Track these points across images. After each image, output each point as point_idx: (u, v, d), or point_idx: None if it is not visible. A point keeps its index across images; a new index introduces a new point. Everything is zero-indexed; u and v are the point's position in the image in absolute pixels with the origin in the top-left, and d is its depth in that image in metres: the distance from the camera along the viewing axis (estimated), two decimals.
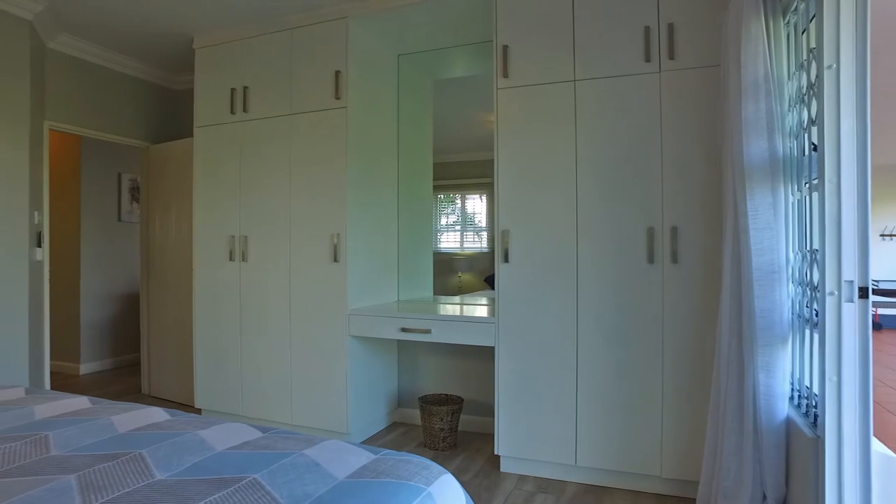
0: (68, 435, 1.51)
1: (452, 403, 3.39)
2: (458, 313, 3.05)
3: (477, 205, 3.99)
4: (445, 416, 3.18)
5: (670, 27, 2.52)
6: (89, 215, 5.12)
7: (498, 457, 3.02)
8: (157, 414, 1.72)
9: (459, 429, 3.56)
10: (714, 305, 2.44)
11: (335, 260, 3.22)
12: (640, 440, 2.57)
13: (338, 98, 3.24)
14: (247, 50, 3.57)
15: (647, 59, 2.57)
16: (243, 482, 1.21)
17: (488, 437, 3.41)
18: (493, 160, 2.87)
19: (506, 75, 2.84)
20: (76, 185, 5.07)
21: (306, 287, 3.32)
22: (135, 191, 5.48)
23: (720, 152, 2.39)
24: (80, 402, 1.88)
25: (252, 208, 3.50)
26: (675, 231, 2.51)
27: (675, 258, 2.51)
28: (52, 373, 5.08)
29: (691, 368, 2.49)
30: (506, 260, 2.83)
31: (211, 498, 1.13)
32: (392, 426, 3.65)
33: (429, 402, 3.40)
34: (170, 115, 4.68)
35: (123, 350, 5.43)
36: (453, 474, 2.79)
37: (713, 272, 2.45)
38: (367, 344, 3.38)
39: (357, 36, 3.31)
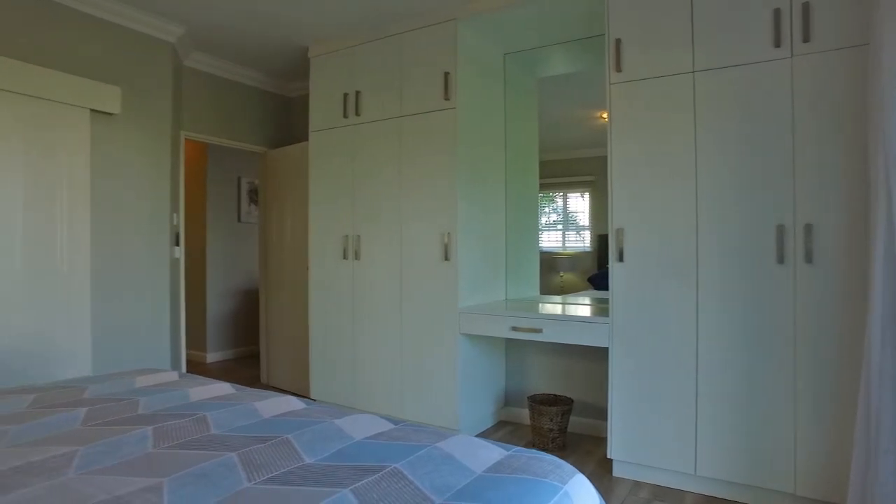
0: (222, 416, 1.64)
1: (562, 404, 3.35)
2: (567, 313, 3.01)
3: (578, 203, 3.91)
4: (555, 416, 3.15)
5: (805, 7, 2.34)
6: (214, 217, 5.56)
7: (610, 461, 2.95)
8: (294, 402, 1.84)
9: (568, 430, 3.51)
10: (857, 310, 2.24)
11: (446, 259, 3.28)
12: (770, 453, 2.41)
13: (447, 99, 3.30)
14: (358, 56, 3.71)
15: (777, 45, 2.40)
16: (386, 471, 1.27)
17: (599, 441, 3.34)
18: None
19: (619, 69, 2.76)
20: (203, 189, 5.51)
21: (417, 285, 3.41)
22: (253, 193, 5.88)
23: (865, 140, 2.19)
24: (225, 387, 2.04)
25: (364, 208, 3.64)
26: (809, 228, 2.33)
27: (809, 258, 2.33)
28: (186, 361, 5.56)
29: (831, 379, 2.30)
30: (620, 259, 2.75)
31: (359, 483, 1.19)
32: (499, 424, 3.66)
33: (538, 402, 3.38)
34: (285, 122, 4.96)
35: (243, 342, 5.84)
36: None
37: (855, 273, 2.25)
38: (476, 342, 3.42)
39: (465, 37, 3.35)
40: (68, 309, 3.15)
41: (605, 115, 3.55)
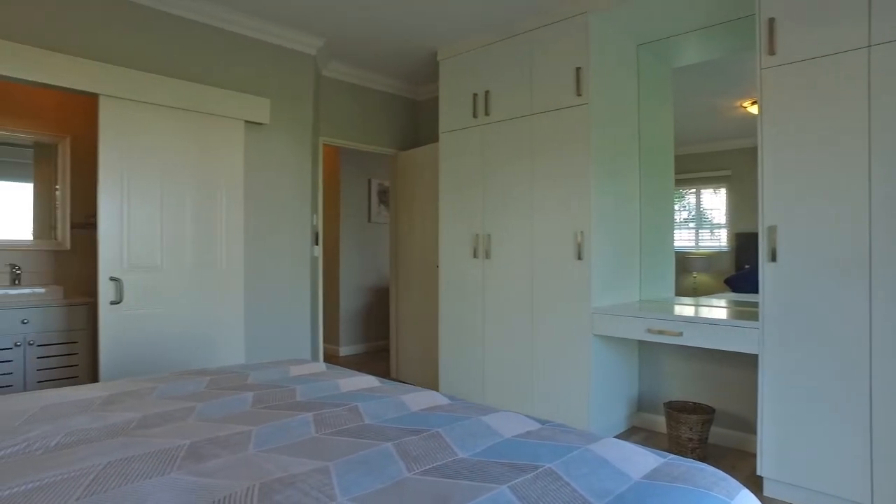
0: (373, 407, 1.72)
1: (703, 413, 3.14)
2: (707, 316, 2.82)
3: (713, 200, 3.65)
4: (695, 425, 2.97)
5: None
6: (346, 217, 5.88)
7: (760, 478, 2.72)
8: (438, 397, 1.88)
9: (709, 441, 3.30)
10: None
11: (579, 258, 3.21)
12: None
13: (579, 95, 3.22)
14: (487, 56, 3.74)
15: None
16: (540, 470, 1.26)
17: (744, 455, 3.09)
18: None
19: (772, 52, 2.54)
20: (336, 191, 5.85)
21: (549, 284, 3.36)
22: (382, 194, 6.14)
23: None
24: (371, 380, 2.14)
25: (495, 207, 3.66)
26: None
27: None
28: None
29: None
30: (772, 259, 2.53)
31: (516, 481, 1.19)
32: (632, 430, 3.52)
33: (675, 409, 3.21)
34: (414, 124, 5.12)
35: (373, 337, 6.13)
36: None
37: None
38: (608, 343, 3.31)
39: (597, 30, 3.25)
40: (226, 302, 3.47)
41: (746, 104, 3.29)
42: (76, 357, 3.54)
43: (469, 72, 3.86)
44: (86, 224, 3.95)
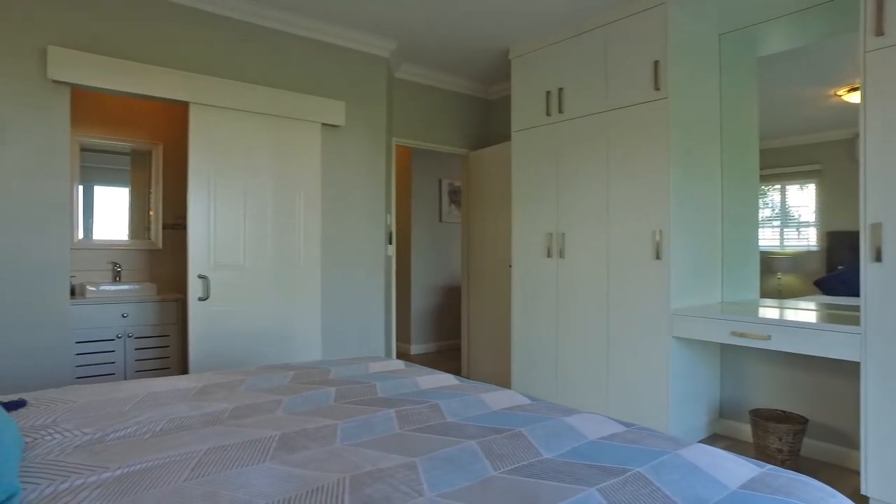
0: (453, 405, 1.73)
1: (794, 422, 2.96)
2: (798, 319, 2.65)
3: (799, 196, 3.43)
4: (785, 435, 2.80)
5: None
6: (417, 217, 5.95)
7: (866, 499, 2.53)
8: (518, 397, 1.87)
9: (801, 454, 3.10)
10: None
11: (657, 257, 3.10)
12: None
13: (657, 89, 3.12)
14: (560, 53, 3.68)
15: None
16: (629, 474, 1.22)
17: (844, 472, 2.89)
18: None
19: (880, 32, 2.35)
20: (408, 191, 5.93)
21: (625, 284, 3.27)
22: (453, 194, 6.17)
23: None
24: (449, 378, 2.15)
25: (569, 206, 3.60)
26: None
27: None
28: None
29: None
30: (877, 259, 2.35)
31: (604, 484, 1.16)
32: (713, 437, 3.37)
33: (762, 417, 3.04)
34: (485, 124, 5.12)
35: (444, 336, 6.17)
36: None
37: None
38: (688, 346, 3.18)
39: (676, 20, 3.13)
40: (304, 299, 3.59)
41: (841, 92, 3.08)
42: (168, 349, 3.77)
43: (541, 69, 3.81)
44: (175, 225, 4.20)
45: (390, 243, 4.27)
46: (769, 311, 2.94)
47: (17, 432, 1.14)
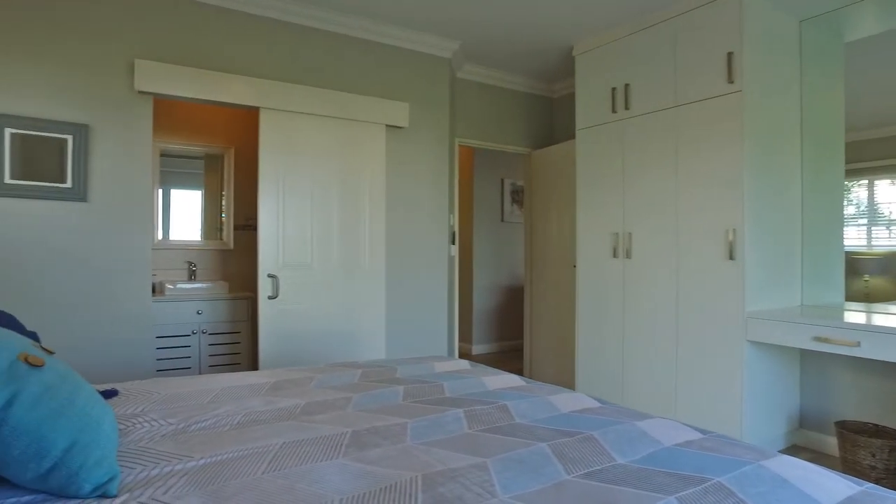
0: (521, 407, 1.71)
1: (889, 437, 2.76)
2: (894, 325, 2.46)
3: (890, 192, 3.21)
4: (879, 451, 2.62)
5: None
6: (479, 217, 5.94)
7: None
8: (586, 399, 1.83)
9: None
10: None
11: (730, 258, 2.97)
12: None
13: (731, 82, 2.98)
14: (626, 48, 3.58)
15: None
16: (709, 484, 1.17)
17: None
18: None
19: None
20: (469, 191, 5.93)
21: (695, 285, 3.15)
22: (515, 194, 6.13)
23: None
24: (515, 379, 2.13)
25: (636, 205, 3.50)
26: None
27: None
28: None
29: None
30: None
31: (684, 493, 1.12)
32: (793, 449, 3.19)
33: (851, 430, 2.85)
34: (549, 122, 5.05)
35: (506, 336, 6.14)
36: None
37: None
38: (764, 351, 3.03)
39: (753, 8, 2.99)
40: (369, 298, 3.65)
41: None
42: (239, 346, 3.92)
43: (607, 65, 3.72)
44: (246, 226, 4.37)
45: (453, 243, 4.28)
46: (857, 316, 2.76)
47: (114, 420, 1.21)
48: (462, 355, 5.81)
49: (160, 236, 4.10)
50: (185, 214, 4.25)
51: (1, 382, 1.04)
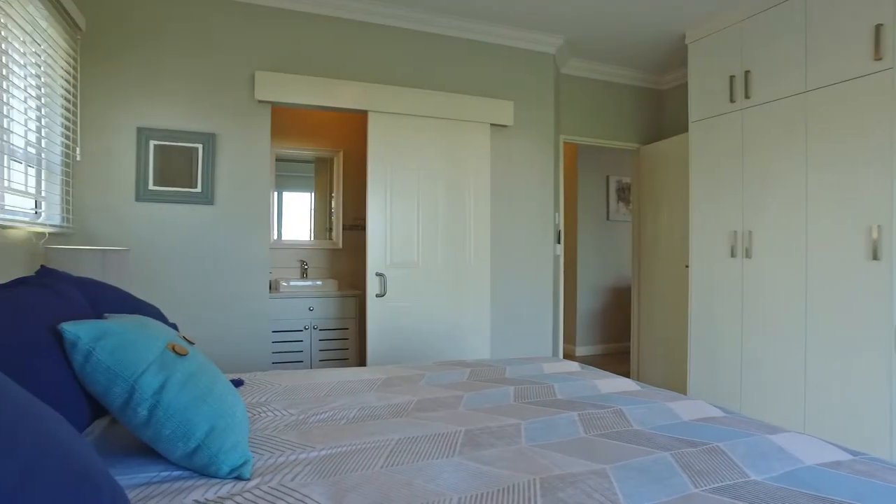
0: (639, 412, 1.63)
1: None
2: None
3: None
4: None
5: None
6: (584, 215, 5.79)
7: None
8: (708, 408, 1.71)
9: None
10: None
11: (874, 258, 2.67)
12: None
13: (878, 59, 2.67)
14: (746, 31, 3.33)
15: None
16: None
17: None
18: None
19: None
20: (574, 189, 5.80)
21: (829, 288, 2.86)
22: (621, 191, 5.91)
23: None
24: (628, 383, 2.04)
25: (757, 201, 3.25)
26: None
27: None
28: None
29: None
30: None
31: None
32: None
33: None
34: (658, 116, 4.82)
35: (611, 338, 5.94)
36: None
37: None
38: None
39: None
40: (473, 297, 3.66)
41: None
42: (347, 342, 4.07)
43: (724, 52, 3.48)
44: (353, 226, 4.53)
45: (558, 242, 4.20)
46: None
47: (245, 408, 1.29)
48: (565, 356, 5.68)
49: (275, 236, 4.36)
50: (297, 215, 4.48)
51: (155, 368, 1.14)
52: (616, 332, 5.95)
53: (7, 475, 0.55)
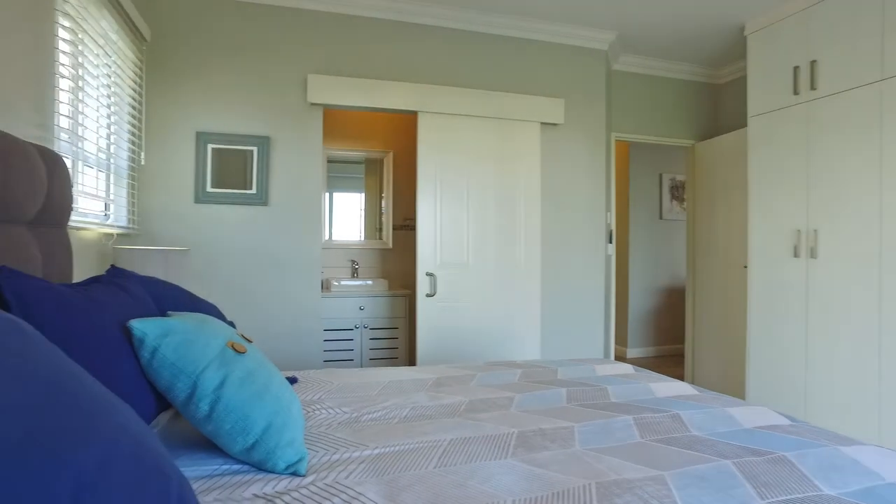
0: (698, 418, 1.58)
1: None
2: None
3: None
4: None
5: None
6: (635, 214, 5.65)
7: None
8: (773, 415, 1.63)
9: None
10: None
11: None
12: None
13: None
14: (811, 19, 3.17)
15: None
16: None
17: None
18: None
19: None
20: (625, 187, 5.67)
21: None
22: (675, 189, 5.75)
23: None
24: (685, 387, 1.98)
25: (823, 198, 3.09)
26: None
27: None
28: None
29: None
30: None
31: None
32: None
33: None
34: (713, 111, 4.66)
35: (663, 340, 5.78)
36: None
37: None
38: None
39: None
40: (524, 298, 3.63)
41: None
42: (396, 341, 4.11)
43: (787, 41, 3.33)
44: (403, 226, 4.57)
45: (610, 242, 4.11)
46: None
47: (300, 405, 1.31)
48: (616, 358, 5.56)
49: (326, 237, 4.44)
50: (348, 216, 4.56)
51: (216, 365, 1.18)
52: (669, 333, 5.79)
53: (86, 465, 0.58)
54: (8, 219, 1.41)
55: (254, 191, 3.25)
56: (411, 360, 4.11)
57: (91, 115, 2.33)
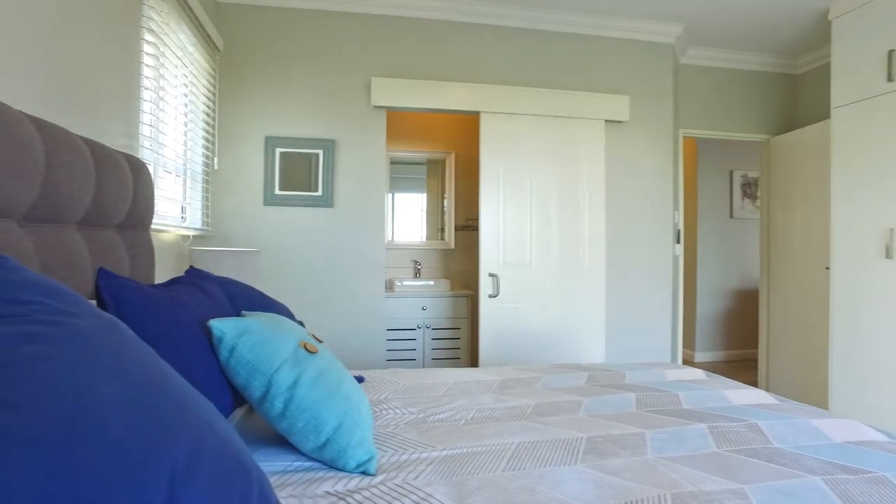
0: (779, 429, 1.49)
1: None
2: None
3: None
4: None
5: None
6: (704, 213, 5.44)
7: None
8: (866, 430, 1.52)
9: None
10: None
11: None
12: None
13: None
14: None
15: None
16: None
17: None
18: None
19: None
20: (693, 185, 5.46)
21: None
22: (747, 187, 5.49)
23: None
24: (762, 395, 1.88)
25: None
26: None
27: None
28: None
29: None
30: None
31: None
32: None
33: None
34: (791, 103, 4.42)
35: (734, 344, 5.53)
36: None
37: None
38: None
39: None
40: (588, 299, 3.56)
41: None
42: (458, 341, 4.11)
43: (878, 25, 3.10)
44: (465, 226, 4.57)
45: (678, 242, 3.97)
46: None
47: (369, 405, 1.33)
48: (684, 362, 5.36)
49: (389, 237, 4.50)
50: (410, 217, 4.60)
51: (289, 365, 1.21)
52: (739, 337, 5.52)
53: (177, 459, 0.61)
54: (102, 223, 1.50)
55: (319, 192, 3.33)
56: (473, 361, 4.11)
57: (170, 124, 2.45)
